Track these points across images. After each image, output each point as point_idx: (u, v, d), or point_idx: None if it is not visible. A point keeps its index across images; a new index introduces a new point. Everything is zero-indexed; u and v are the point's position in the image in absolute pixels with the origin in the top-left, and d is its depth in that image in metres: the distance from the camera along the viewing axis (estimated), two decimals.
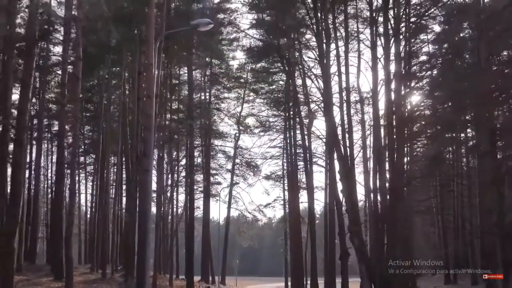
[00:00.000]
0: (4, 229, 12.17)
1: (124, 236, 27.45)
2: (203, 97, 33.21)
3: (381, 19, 20.05)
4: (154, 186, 24.45)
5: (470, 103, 19.30)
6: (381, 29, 20.47)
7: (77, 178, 28.09)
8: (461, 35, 24.43)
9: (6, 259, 11.13)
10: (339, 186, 18.68)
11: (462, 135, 26.69)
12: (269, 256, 77.57)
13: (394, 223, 17.50)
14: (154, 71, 12.63)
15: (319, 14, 20.54)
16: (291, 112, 30.18)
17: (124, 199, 30.48)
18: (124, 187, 29.40)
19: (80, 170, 34.05)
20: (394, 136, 19.95)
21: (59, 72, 24.83)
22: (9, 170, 13.52)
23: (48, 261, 25.23)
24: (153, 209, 27.23)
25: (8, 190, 13.21)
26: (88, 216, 36.50)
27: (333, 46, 21.44)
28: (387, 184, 18.44)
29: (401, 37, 20.88)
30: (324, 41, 20.11)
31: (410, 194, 22.22)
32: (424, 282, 27.34)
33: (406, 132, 20.87)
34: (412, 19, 22.20)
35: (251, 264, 76.66)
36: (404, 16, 21.57)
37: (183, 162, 32.67)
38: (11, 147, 13.46)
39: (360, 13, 23.19)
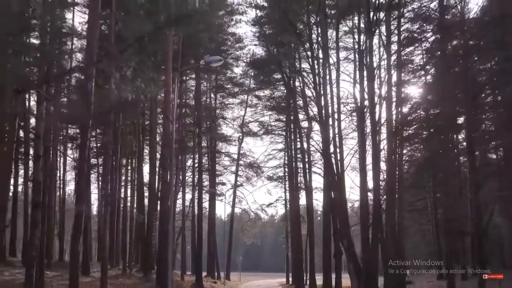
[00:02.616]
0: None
1: (135, 235, 29.29)
2: (208, 101, 34.82)
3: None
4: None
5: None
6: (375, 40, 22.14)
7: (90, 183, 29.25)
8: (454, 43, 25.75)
9: (73, 260, 13.10)
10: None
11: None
12: (271, 253, 78.98)
13: (379, 224, 19.34)
14: (174, 96, 14.41)
15: (313, 36, 22.28)
16: (292, 118, 31.80)
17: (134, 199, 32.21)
18: (135, 187, 31.17)
19: (92, 170, 35.50)
20: (385, 143, 21.79)
21: None
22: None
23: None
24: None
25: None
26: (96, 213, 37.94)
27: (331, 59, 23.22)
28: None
29: (392, 52, 22.57)
30: (321, 58, 21.83)
31: (401, 195, 23.82)
32: (418, 277, 28.65)
33: (398, 138, 22.50)
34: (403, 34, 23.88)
35: (254, 260, 78.16)
36: (396, 30, 23.30)
37: (189, 163, 34.33)
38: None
39: (354, 29, 24.86)
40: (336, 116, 22.26)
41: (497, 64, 23.48)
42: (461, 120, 24.08)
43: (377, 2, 21.41)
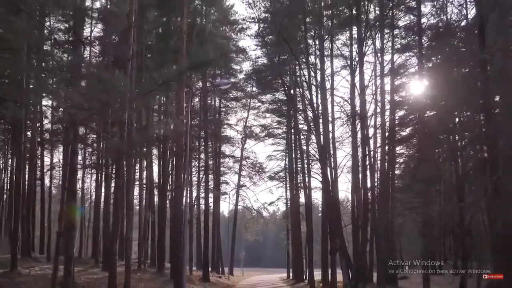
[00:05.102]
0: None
1: (146, 232, 31.01)
2: (213, 105, 36.47)
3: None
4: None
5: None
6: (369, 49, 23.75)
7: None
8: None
9: (110, 259, 14.94)
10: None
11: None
12: (273, 249, 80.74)
13: (371, 222, 21.08)
14: (188, 109, 16.09)
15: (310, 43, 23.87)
16: (292, 122, 33.37)
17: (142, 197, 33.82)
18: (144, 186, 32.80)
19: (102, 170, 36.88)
20: (379, 146, 23.52)
21: None
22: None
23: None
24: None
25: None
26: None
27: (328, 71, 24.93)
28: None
29: (385, 62, 24.12)
30: (318, 69, 23.50)
31: (394, 195, 25.38)
32: (413, 272, 30.06)
33: (393, 142, 24.08)
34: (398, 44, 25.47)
35: (256, 256, 79.92)
36: (391, 42, 24.86)
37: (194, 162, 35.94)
38: None
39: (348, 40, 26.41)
40: (330, 127, 23.99)
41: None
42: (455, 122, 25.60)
43: (369, 17, 23.14)
